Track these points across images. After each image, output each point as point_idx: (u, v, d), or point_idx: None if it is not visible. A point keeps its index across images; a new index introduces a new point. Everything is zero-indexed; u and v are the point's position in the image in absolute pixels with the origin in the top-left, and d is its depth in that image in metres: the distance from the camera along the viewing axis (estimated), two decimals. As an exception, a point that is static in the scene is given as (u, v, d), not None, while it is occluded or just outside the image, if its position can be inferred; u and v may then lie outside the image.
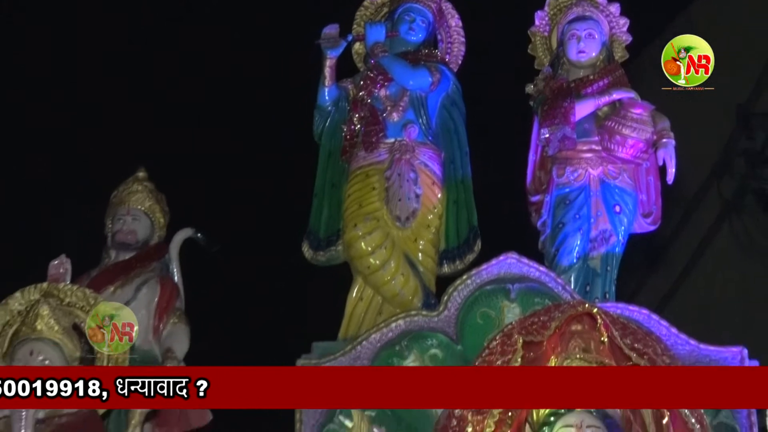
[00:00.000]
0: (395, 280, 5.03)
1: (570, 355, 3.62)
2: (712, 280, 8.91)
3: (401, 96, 5.27)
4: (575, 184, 4.99)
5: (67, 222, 7.77)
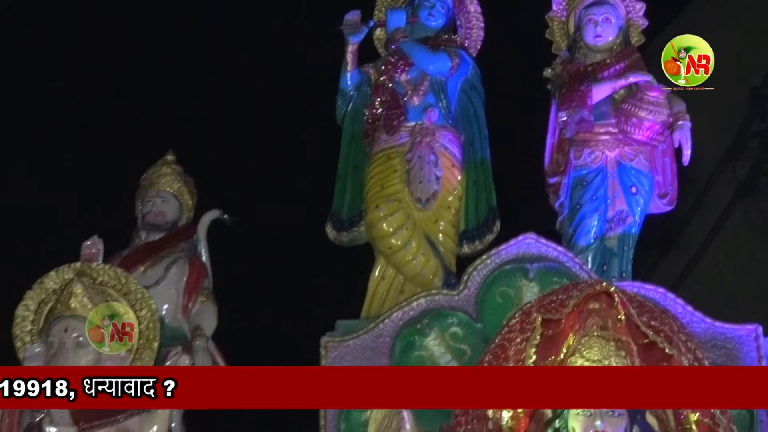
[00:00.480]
0: (416, 260, 5.05)
1: (588, 333, 3.61)
2: (726, 260, 8.87)
3: (422, 80, 5.28)
4: (592, 165, 4.98)
5: (99, 205, 7.83)
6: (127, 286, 4.43)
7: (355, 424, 4.29)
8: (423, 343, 4.42)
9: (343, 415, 4.34)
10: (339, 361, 4.49)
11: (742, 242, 8.90)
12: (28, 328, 4.36)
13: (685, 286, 8.31)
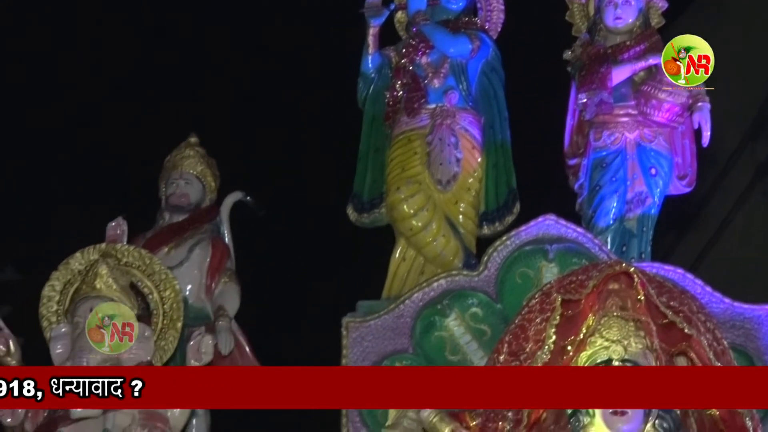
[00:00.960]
0: (437, 242, 5.05)
1: (607, 313, 3.60)
2: (745, 241, 8.83)
3: (442, 63, 5.26)
4: (612, 147, 4.96)
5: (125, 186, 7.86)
6: (151, 266, 4.45)
7: (376, 404, 4.31)
8: (443, 323, 4.42)
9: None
10: (360, 341, 4.50)
11: (761, 223, 8.85)
12: (54, 308, 4.39)
13: (703, 267, 8.27)
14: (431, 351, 4.41)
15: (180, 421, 4.17)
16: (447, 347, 4.41)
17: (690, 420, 3.57)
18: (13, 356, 4.15)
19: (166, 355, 4.38)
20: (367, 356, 4.45)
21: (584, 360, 3.58)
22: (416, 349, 4.43)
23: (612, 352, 3.54)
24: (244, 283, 5.33)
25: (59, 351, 4.24)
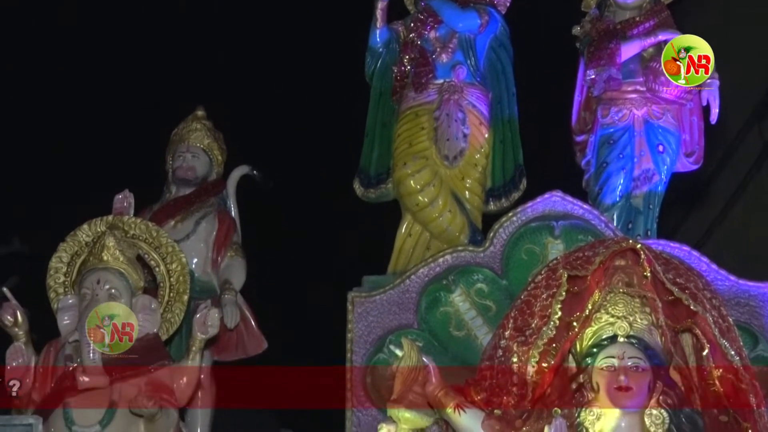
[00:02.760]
0: (443, 217, 5.04)
1: (613, 289, 3.61)
2: (751, 218, 8.81)
3: (450, 38, 5.24)
4: (619, 124, 4.95)
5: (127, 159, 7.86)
6: (158, 239, 4.45)
7: (380, 378, 4.31)
8: (448, 299, 4.43)
9: (369, 369, 4.36)
10: (365, 316, 4.51)
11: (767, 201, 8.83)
12: (62, 279, 4.40)
13: (710, 245, 8.27)
14: (436, 326, 4.41)
15: (186, 392, 4.19)
16: (452, 323, 4.42)
17: (694, 396, 3.58)
18: (20, 327, 4.16)
19: (172, 327, 4.40)
20: (372, 331, 4.46)
21: (589, 336, 3.60)
22: (421, 325, 4.44)
23: (617, 328, 3.56)
24: (250, 256, 5.33)
25: (66, 322, 4.26)
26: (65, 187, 8.30)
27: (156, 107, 7.53)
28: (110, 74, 8.63)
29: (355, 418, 4.33)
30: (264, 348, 5.21)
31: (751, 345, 4.14)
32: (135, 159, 7.38)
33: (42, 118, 8.53)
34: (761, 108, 8.73)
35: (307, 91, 8.65)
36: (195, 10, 8.73)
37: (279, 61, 8.82)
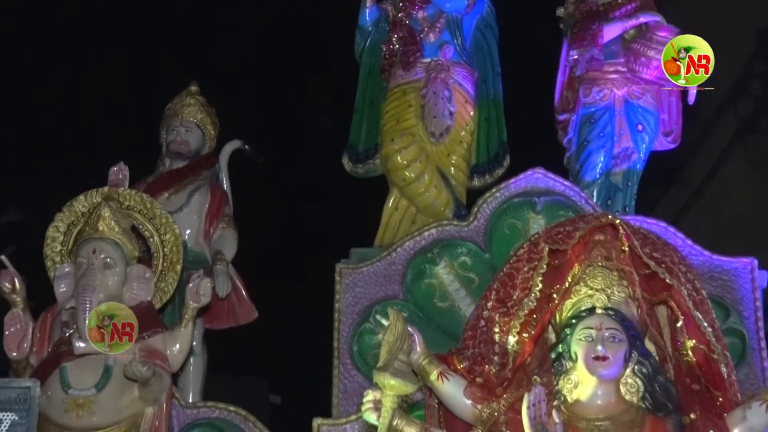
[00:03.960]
0: (428, 192, 5.05)
1: (592, 263, 3.62)
2: (726, 196, 8.85)
3: (438, 17, 5.23)
4: (601, 103, 4.95)
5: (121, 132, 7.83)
6: (152, 210, 4.44)
7: (366, 346, 4.34)
8: (433, 271, 4.44)
9: (356, 337, 4.37)
10: (352, 287, 4.52)
11: (742, 179, 8.87)
12: (58, 248, 4.39)
13: (685, 221, 8.29)
14: (421, 297, 4.43)
15: (178, 359, 4.20)
16: (436, 294, 4.43)
17: (668, 365, 3.60)
18: (18, 293, 4.16)
19: (165, 296, 4.40)
20: (359, 301, 4.47)
21: (569, 308, 3.62)
22: (406, 296, 4.45)
23: (596, 300, 3.57)
24: (241, 228, 5.33)
25: (63, 290, 4.25)
26: (62, 159, 8.26)
27: (151, 82, 7.49)
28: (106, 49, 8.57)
29: (342, 385, 4.34)
30: (254, 317, 5.21)
31: (723, 317, 4.16)
32: (129, 132, 7.36)
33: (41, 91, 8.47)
34: (736, 89, 8.76)
35: (298, 68, 8.61)
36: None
37: (270, 39, 8.77)
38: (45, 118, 8.50)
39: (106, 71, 8.48)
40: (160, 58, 8.37)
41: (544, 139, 5.35)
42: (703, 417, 3.41)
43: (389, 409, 3.45)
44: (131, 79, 8.39)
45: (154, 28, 8.59)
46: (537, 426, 3.14)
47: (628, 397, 3.49)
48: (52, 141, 8.41)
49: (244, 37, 8.74)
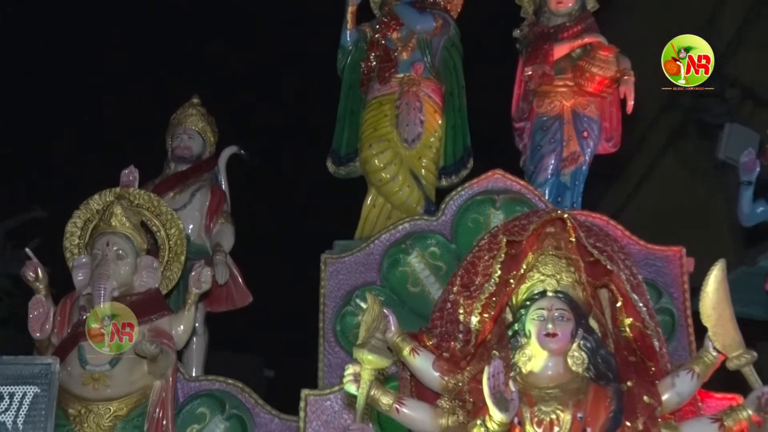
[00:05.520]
0: (402, 191, 5.05)
1: (544, 252, 3.62)
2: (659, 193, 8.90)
3: (410, 38, 5.23)
4: (552, 113, 4.96)
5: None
6: (159, 208, 4.42)
7: (348, 326, 4.33)
8: (406, 260, 4.44)
9: (339, 319, 4.36)
10: (336, 274, 4.50)
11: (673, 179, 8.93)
12: (76, 242, 4.36)
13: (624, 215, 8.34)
14: (396, 283, 4.42)
15: (182, 338, 4.18)
16: (409, 280, 4.43)
17: (608, 340, 3.61)
18: (41, 282, 4.13)
19: (171, 283, 4.38)
20: (341, 287, 4.46)
21: (523, 291, 3.61)
22: (383, 282, 4.45)
23: (547, 284, 3.57)
24: (238, 223, 5.31)
25: (80, 278, 4.23)
26: (80, 163, 8.20)
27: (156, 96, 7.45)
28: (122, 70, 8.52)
29: (326, 360, 4.33)
30: (250, 301, 5.19)
31: (656, 298, 4.18)
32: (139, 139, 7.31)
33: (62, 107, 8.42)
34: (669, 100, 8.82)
35: (287, 83, 8.60)
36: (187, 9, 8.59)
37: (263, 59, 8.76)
38: (66, 129, 8.45)
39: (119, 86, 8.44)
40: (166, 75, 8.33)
41: (503, 144, 5.35)
42: (638, 384, 3.42)
43: (367, 381, 3.44)
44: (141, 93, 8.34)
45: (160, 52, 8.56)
46: (496, 394, 3.13)
47: (574, 368, 3.49)
48: (71, 149, 8.37)
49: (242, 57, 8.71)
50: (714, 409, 3.58)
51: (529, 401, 3.37)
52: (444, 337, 3.60)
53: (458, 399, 3.46)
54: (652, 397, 3.39)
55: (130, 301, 4.10)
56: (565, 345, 3.48)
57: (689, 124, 8.82)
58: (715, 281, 3.53)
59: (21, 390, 3.72)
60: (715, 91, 8.52)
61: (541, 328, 3.46)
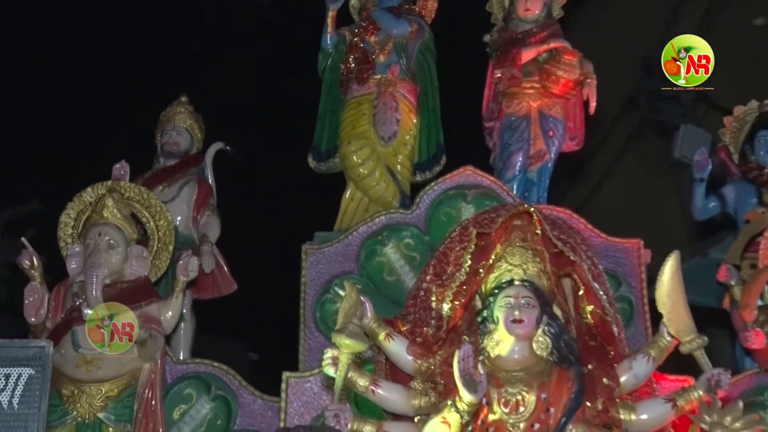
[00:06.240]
0: (379, 186, 5.03)
1: (512, 243, 3.62)
2: (619, 189, 8.96)
3: (387, 42, 5.21)
4: (519, 113, 4.96)
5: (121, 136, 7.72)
6: (148, 200, 4.39)
7: (328, 312, 4.31)
8: (383, 251, 4.43)
9: (319, 306, 4.35)
10: (316, 264, 4.48)
11: (632, 176, 8.99)
12: (70, 232, 4.33)
13: (587, 210, 8.38)
14: (372, 272, 4.41)
15: (171, 323, 4.15)
16: (385, 270, 4.42)
17: (571, 326, 3.62)
18: (36, 269, 4.10)
19: (159, 271, 4.35)
20: (321, 276, 4.44)
21: (492, 280, 3.61)
22: (360, 271, 4.43)
23: (514, 273, 3.57)
24: (224, 216, 5.28)
25: (74, 266, 4.19)
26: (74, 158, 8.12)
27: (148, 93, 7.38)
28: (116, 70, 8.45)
29: (307, 345, 4.31)
30: (234, 288, 5.17)
31: (615, 287, 4.20)
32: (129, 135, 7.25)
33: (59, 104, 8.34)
34: (628, 103, 8.87)
35: (272, 84, 8.55)
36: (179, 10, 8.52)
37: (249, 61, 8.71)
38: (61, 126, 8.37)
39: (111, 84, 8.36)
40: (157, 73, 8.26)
41: (474, 142, 5.35)
42: (599, 367, 3.44)
43: (345, 364, 3.44)
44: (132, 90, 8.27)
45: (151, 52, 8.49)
46: (465, 377, 3.13)
47: (539, 352, 3.50)
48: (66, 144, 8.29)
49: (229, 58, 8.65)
50: (668, 390, 3.60)
51: (496, 383, 3.38)
52: (417, 323, 3.60)
53: (430, 381, 3.46)
54: (611, 379, 3.41)
55: (120, 288, 4.08)
56: (530, 330, 3.49)
57: (647, 125, 8.87)
58: (669, 271, 3.56)
59: (16, 371, 3.68)
60: (671, 95, 8.60)
61: (508, 314, 3.47)
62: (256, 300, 7.16)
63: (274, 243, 7.82)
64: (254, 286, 5.54)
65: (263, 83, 8.63)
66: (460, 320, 3.61)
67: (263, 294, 7.30)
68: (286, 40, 8.23)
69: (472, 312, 3.66)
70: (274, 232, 8.01)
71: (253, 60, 8.73)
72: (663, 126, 8.60)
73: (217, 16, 8.64)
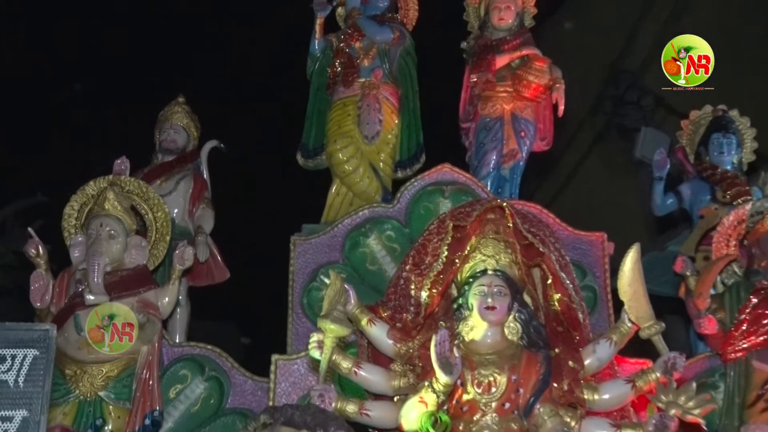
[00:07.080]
0: (363, 182, 5.02)
1: (485, 236, 3.64)
2: (585, 187, 8.99)
3: (371, 48, 5.21)
4: (493, 115, 4.96)
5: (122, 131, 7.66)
6: (147, 194, 4.36)
7: (314, 299, 4.30)
8: (366, 242, 4.42)
9: (306, 293, 4.33)
10: (303, 254, 4.46)
11: (597, 175, 9.03)
12: (73, 223, 4.29)
13: (555, 205, 8.39)
14: (356, 262, 4.40)
15: (167, 309, 4.13)
16: (368, 260, 4.41)
17: (540, 313, 3.64)
18: (41, 258, 4.07)
19: (157, 260, 4.32)
20: (308, 265, 4.42)
21: (467, 270, 3.62)
22: (345, 261, 4.42)
23: (487, 264, 3.59)
24: (218, 208, 5.24)
25: (77, 255, 4.16)
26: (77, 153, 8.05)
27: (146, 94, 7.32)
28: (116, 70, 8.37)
29: (295, 329, 4.30)
30: (227, 277, 5.14)
31: (581, 276, 4.21)
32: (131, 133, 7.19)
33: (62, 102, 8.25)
34: (594, 106, 8.91)
35: (263, 86, 8.51)
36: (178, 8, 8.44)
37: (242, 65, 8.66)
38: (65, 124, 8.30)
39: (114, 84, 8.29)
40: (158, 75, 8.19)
41: (452, 141, 5.35)
42: (565, 351, 3.46)
43: (329, 348, 3.44)
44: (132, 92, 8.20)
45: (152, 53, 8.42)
46: (442, 359, 3.14)
47: (510, 337, 3.52)
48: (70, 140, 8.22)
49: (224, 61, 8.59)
50: (628, 372, 3.62)
51: (470, 365, 3.39)
52: (397, 310, 3.60)
53: (409, 363, 3.47)
54: (576, 362, 3.43)
55: (120, 275, 4.05)
56: (502, 317, 3.50)
57: (611, 128, 8.91)
58: (630, 262, 3.58)
59: (22, 352, 3.65)
60: (633, 100, 8.65)
61: (482, 302, 3.48)
62: (248, 287, 7.12)
63: (264, 234, 7.78)
64: (246, 274, 5.52)
65: (256, 85, 8.59)
66: (437, 307, 3.61)
67: (254, 282, 7.27)
68: (278, 45, 8.18)
69: (448, 299, 3.66)
70: (264, 224, 7.97)
71: (246, 63, 8.69)
72: (625, 128, 8.65)
73: (220, 23, 8.59)
